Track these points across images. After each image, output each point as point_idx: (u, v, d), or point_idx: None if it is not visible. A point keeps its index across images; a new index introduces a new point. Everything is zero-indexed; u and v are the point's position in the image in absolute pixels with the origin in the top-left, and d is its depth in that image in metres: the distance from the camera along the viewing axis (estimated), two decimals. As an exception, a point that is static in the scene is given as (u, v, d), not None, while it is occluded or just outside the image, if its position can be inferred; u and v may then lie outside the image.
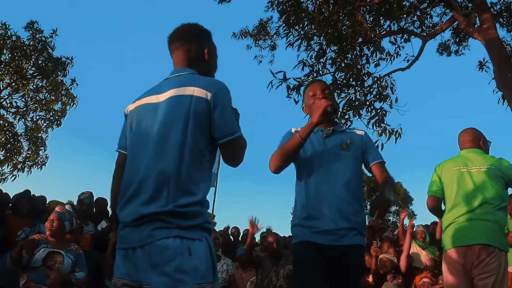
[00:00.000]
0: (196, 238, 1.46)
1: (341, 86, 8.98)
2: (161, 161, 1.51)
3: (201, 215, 1.51)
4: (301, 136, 2.18)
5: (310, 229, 2.22)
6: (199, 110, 1.54)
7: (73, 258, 3.74)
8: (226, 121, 1.56)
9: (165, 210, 1.44)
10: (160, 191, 1.47)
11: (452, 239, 2.88)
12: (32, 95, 12.40)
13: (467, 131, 3.25)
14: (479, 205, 2.85)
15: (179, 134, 1.52)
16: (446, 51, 11.00)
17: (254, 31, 10.13)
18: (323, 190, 2.24)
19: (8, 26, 11.16)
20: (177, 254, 1.41)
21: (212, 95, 1.55)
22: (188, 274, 1.39)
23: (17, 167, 12.33)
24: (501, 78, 7.43)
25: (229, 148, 1.58)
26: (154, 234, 1.43)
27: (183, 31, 1.79)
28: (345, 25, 8.59)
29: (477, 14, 7.96)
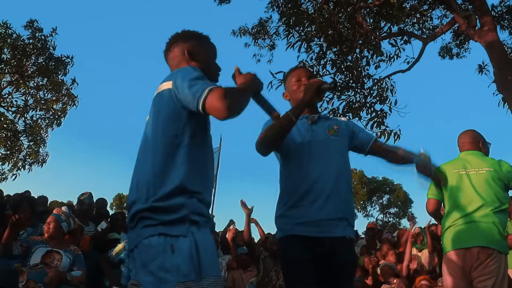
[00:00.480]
0: (180, 234, 1.45)
1: (341, 88, 8.98)
2: (142, 159, 1.59)
3: (184, 207, 1.48)
4: (294, 114, 2.00)
5: (296, 220, 2.05)
6: (164, 100, 1.57)
7: (71, 257, 3.77)
8: (190, 91, 1.47)
9: (148, 206, 1.47)
10: (143, 187, 1.52)
11: (451, 241, 2.88)
12: (32, 93, 12.40)
13: (466, 133, 3.24)
14: (478, 208, 2.85)
15: (152, 129, 1.59)
16: (448, 54, 10.99)
17: (253, 30, 10.09)
18: (314, 177, 2.08)
19: (9, 25, 11.17)
20: (159, 252, 1.42)
21: (173, 81, 1.57)
22: (170, 273, 1.39)
23: (17, 165, 12.33)
24: (501, 81, 7.43)
25: (210, 106, 1.43)
26: (142, 233, 1.47)
27: (169, 42, 1.84)
28: (346, 27, 8.59)
29: (478, 17, 7.96)
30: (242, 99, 1.54)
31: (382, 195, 37.15)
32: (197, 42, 1.81)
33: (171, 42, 1.82)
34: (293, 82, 2.33)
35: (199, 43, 1.81)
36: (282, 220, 2.14)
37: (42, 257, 3.58)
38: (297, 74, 2.34)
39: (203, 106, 1.44)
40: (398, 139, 8.63)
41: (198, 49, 1.78)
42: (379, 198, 37.19)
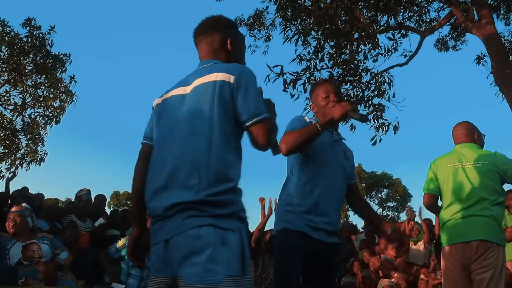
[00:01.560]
0: (230, 228, 1.42)
1: (338, 82, 8.97)
2: (190, 150, 1.48)
3: (235, 203, 1.47)
4: (321, 127, 2.16)
5: (307, 222, 2.25)
6: (224, 94, 1.52)
7: (48, 242, 3.76)
8: (250, 103, 1.50)
9: (197, 199, 1.40)
10: (191, 179, 1.43)
11: (449, 236, 2.89)
12: (30, 92, 12.37)
13: (461, 125, 3.22)
14: (476, 201, 2.85)
15: (206, 120, 1.50)
16: (444, 46, 10.98)
17: (249, 21, 10.05)
18: (328, 191, 2.31)
19: (6, 23, 11.13)
20: (209, 243, 1.36)
21: (235, 77, 1.53)
22: (220, 265, 1.35)
23: (15, 164, 12.30)
24: (499, 74, 7.44)
25: (256, 131, 1.50)
26: (186, 223, 1.39)
27: (205, 24, 1.79)
28: (343, 20, 8.57)
29: (475, 10, 7.96)
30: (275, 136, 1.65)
31: (381, 189, 37.20)
32: (236, 33, 1.81)
33: (210, 26, 1.77)
34: (321, 97, 2.46)
35: (237, 34, 1.81)
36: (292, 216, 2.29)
37: (22, 253, 3.56)
38: (325, 90, 2.47)
39: (251, 125, 1.49)
40: (396, 131, 8.64)
41: (237, 40, 1.78)
42: (378, 192, 37.23)
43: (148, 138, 1.72)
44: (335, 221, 2.35)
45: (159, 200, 1.48)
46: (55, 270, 3.60)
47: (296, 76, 8.54)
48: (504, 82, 7.34)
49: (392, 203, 37.18)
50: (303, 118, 2.42)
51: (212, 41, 1.74)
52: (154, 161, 1.60)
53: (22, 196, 5.20)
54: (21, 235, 3.71)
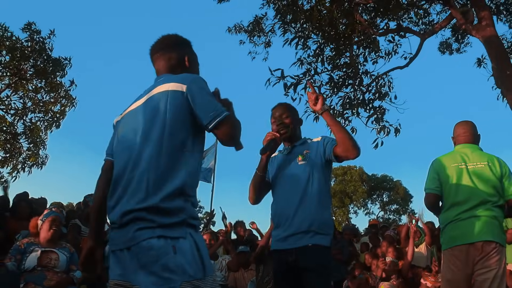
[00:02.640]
0: (180, 236, 1.46)
1: (339, 85, 8.98)
2: (140, 158, 1.55)
3: (183, 211, 1.50)
4: (259, 171, 2.59)
5: (275, 238, 2.53)
6: (176, 103, 1.58)
7: (67, 254, 3.73)
8: (207, 107, 1.57)
9: (145, 206, 1.46)
10: (140, 185, 1.50)
11: (454, 237, 2.85)
12: (31, 96, 12.38)
13: (465, 124, 3.18)
14: (479, 203, 2.84)
15: (158, 128, 1.56)
16: (448, 49, 10.98)
17: (249, 27, 10.06)
18: (281, 202, 2.53)
19: (6, 28, 11.16)
20: (162, 253, 1.42)
21: (187, 86, 1.59)
22: (175, 273, 1.40)
23: (16, 168, 12.30)
24: (499, 75, 7.44)
25: (221, 131, 1.57)
26: (137, 235, 1.45)
27: (163, 42, 1.86)
28: (342, 23, 8.59)
29: (475, 12, 7.97)
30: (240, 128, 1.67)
31: (382, 192, 37.16)
32: (192, 51, 1.89)
33: (169, 44, 1.85)
34: (272, 122, 2.66)
35: (193, 51, 1.89)
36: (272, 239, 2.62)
37: (38, 259, 3.52)
38: (272, 114, 2.67)
39: (214, 127, 1.55)
40: (398, 133, 8.64)
41: (193, 57, 1.87)
42: (379, 195, 37.19)
43: (110, 154, 1.78)
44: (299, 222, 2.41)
45: (116, 210, 1.55)
46: (67, 283, 3.57)
47: (296, 80, 8.55)
48: (505, 84, 7.34)
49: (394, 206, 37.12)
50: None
51: (170, 58, 1.82)
52: (114, 173, 1.67)
53: (25, 201, 5.19)
54: (48, 241, 3.69)
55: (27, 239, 3.72)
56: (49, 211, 3.92)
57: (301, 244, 2.38)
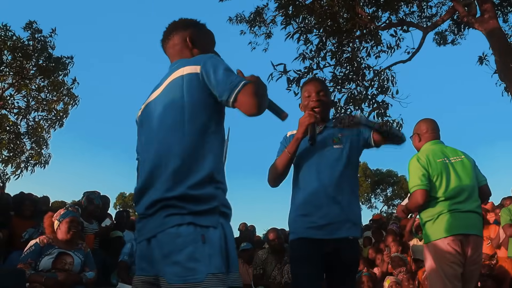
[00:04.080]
0: (210, 225, 1.39)
1: (342, 81, 8.95)
2: (164, 146, 1.49)
3: (215, 198, 1.44)
4: (290, 152, 2.31)
5: (306, 225, 2.28)
6: (192, 85, 1.51)
7: (82, 257, 3.69)
8: (223, 81, 1.47)
9: (174, 195, 1.39)
10: (166, 174, 1.43)
11: (447, 227, 2.80)
12: (34, 95, 12.42)
13: (430, 121, 3.19)
14: (467, 197, 2.87)
15: (177, 114, 1.50)
16: (442, 40, 10.91)
17: (250, 17, 10.01)
18: (315, 186, 2.30)
19: (8, 27, 11.18)
20: (189, 241, 1.34)
21: (201, 66, 1.52)
22: (201, 263, 1.32)
23: (20, 167, 12.36)
24: (503, 69, 7.40)
25: (241, 101, 1.44)
26: (166, 221, 1.38)
27: (166, 31, 1.83)
28: (344, 17, 8.55)
29: (478, 4, 7.91)
30: (266, 95, 1.55)
31: (386, 187, 37.12)
32: (197, 30, 1.80)
33: (170, 31, 1.80)
34: (305, 96, 2.46)
35: (199, 30, 1.81)
36: (294, 224, 2.37)
37: (53, 263, 3.48)
38: (308, 89, 2.46)
39: (235, 99, 1.43)
40: (401, 128, 8.62)
41: (198, 36, 1.78)
42: (383, 190, 37.15)
43: (139, 152, 1.73)
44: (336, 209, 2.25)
45: (142, 200, 1.49)
46: (73, 282, 3.53)
47: (299, 74, 8.53)
48: (508, 77, 7.30)
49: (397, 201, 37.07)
50: (285, 138, 2.51)
51: (174, 44, 1.77)
52: (140, 168, 1.62)
53: (29, 200, 5.21)
54: (66, 242, 3.65)
55: (46, 237, 3.63)
56: (66, 210, 3.82)
57: (340, 235, 2.24)
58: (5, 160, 12.25)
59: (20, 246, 3.88)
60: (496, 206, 6.57)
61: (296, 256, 2.32)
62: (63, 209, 3.89)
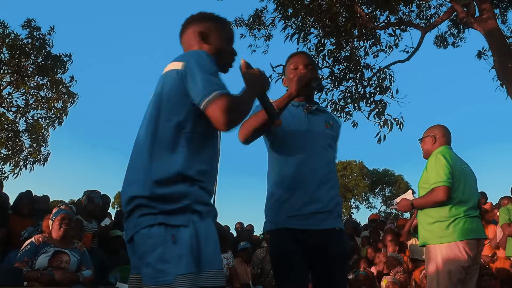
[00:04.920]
0: (181, 224, 1.36)
1: (340, 79, 8.96)
2: (140, 142, 1.49)
3: (187, 196, 1.40)
4: (278, 107, 1.92)
5: (287, 213, 1.98)
6: (171, 82, 1.47)
7: (78, 256, 3.70)
8: (199, 85, 1.40)
9: (147, 194, 1.37)
10: (138, 171, 1.43)
11: (471, 229, 2.83)
12: (32, 93, 12.40)
13: (444, 126, 3.24)
14: (476, 203, 2.98)
15: (154, 110, 1.49)
16: (443, 43, 10.94)
17: (249, 20, 10.02)
18: (305, 169, 2.02)
19: (6, 25, 11.15)
20: (159, 242, 1.33)
21: (183, 64, 1.47)
22: (170, 264, 1.31)
23: (18, 165, 12.34)
24: (501, 69, 7.41)
25: (210, 112, 1.37)
26: (139, 222, 1.37)
27: (182, 26, 1.77)
28: (343, 17, 8.55)
29: (476, 4, 7.92)
30: (245, 111, 1.48)
31: (384, 186, 37.18)
32: (212, 24, 1.71)
33: (186, 24, 1.74)
34: (290, 69, 2.21)
35: (214, 25, 1.72)
36: (271, 212, 2.06)
37: (49, 261, 3.49)
38: (295, 61, 2.21)
39: (204, 108, 1.38)
40: (402, 127, 8.60)
41: (212, 31, 1.69)
42: (381, 190, 37.21)
43: None
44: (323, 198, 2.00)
45: (122, 198, 1.48)
46: (70, 280, 3.53)
47: (298, 75, 8.51)
48: (506, 77, 7.31)
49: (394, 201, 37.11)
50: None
51: (187, 38, 1.72)
52: None
53: (28, 198, 5.20)
54: (61, 240, 3.65)
55: (41, 236, 3.65)
56: (58, 209, 3.85)
57: (327, 226, 1.98)
58: (4, 158, 12.23)
59: (19, 245, 3.87)
60: (494, 206, 6.59)
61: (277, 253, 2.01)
62: (56, 208, 3.93)
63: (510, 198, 5.93)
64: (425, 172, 3.06)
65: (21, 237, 4.30)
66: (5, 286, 3.13)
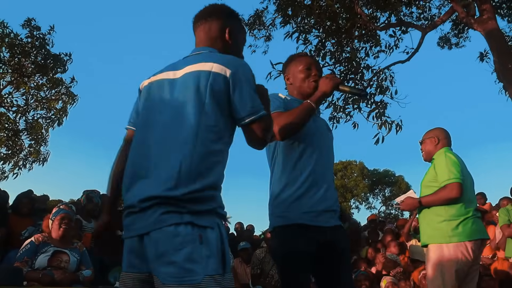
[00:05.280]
0: (208, 225, 1.35)
1: (341, 80, 8.96)
2: (173, 140, 1.40)
3: (214, 199, 1.40)
4: (315, 104, 2.03)
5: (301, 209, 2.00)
6: (218, 88, 1.44)
7: (78, 256, 3.70)
8: (246, 100, 1.44)
9: (175, 195, 1.32)
10: (171, 172, 1.35)
11: (478, 230, 2.86)
12: (32, 93, 12.39)
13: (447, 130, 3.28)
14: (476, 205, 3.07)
15: (194, 112, 1.41)
16: (447, 44, 10.95)
17: (249, 21, 10.01)
18: (319, 167, 2.08)
19: (6, 24, 11.15)
20: (188, 241, 1.29)
21: (231, 72, 1.45)
22: (199, 264, 1.28)
23: (18, 164, 12.33)
24: (501, 69, 7.41)
25: (252, 129, 1.45)
26: (163, 219, 1.31)
27: (205, 11, 1.72)
28: (343, 17, 8.56)
29: (477, 5, 7.93)
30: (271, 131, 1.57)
31: (384, 187, 37.15)
32: (238, 24, 1.74)
33: (210, 13, 1.71)
34: (301, 68, 2.22)
35: (239, 26, 1.75)
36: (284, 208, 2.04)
37: (48, 260, 3.49)
38: (307, 62, 2.24)
39: (247, 124, 1.45)
40: (400, 130, 8.61)
41: (237, 32, 1.72)
42: (381, 190, 37.18)
43: (133, 123, 1.64)
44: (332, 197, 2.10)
45: (135, 190, 1.40)
46: (70, 280, 3.53)
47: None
48: (507, 78, 7.31)
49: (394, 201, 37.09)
50: (278, 95, 2.18)
51: (210, 29, 1.67)
52: (134, 147, 1.51)
53: (27, 198, 5.19)
54: (61, 240, 3.65)
55: (41, 235, 3.65)
56: (58, 209, 3.86)
57: (334, 223, 2.06)
58: (3, 158, 12.22)
59: (19, 244, 3.88)
60: (493, 207, 6.60)
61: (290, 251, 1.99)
62: (55, 208, 3.94)
63: (510, 199, 5.94)
64: (431, 171, 3.03)
65: (22, 237, 4.30)
66: (5, 285, 3.13)
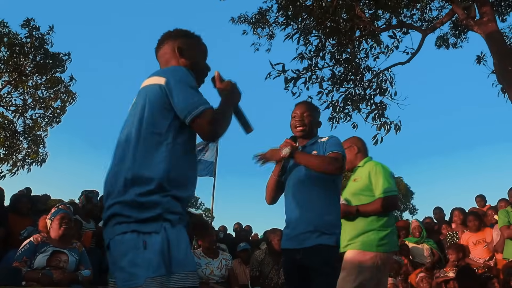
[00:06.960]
0: (153, 231, 1.45)
1: (340, 80, 8.96)
2: (121, 150, 1.57)
3: (159, 205, 1.48)
4: (275, 175, 2.64)
5: (284, 237, 2.58)
6: (154, 96, 1.57)
7: (76, 256, 3.71)
8: (183, 100, 1.54)
9: (122, 200, 1.46)
10: (119, 181, 1.50)
11: (394, 242, 3.02)
12: (31, 93, 12.36)
13: (363, 139, 3.35)
14: None
15: (136, 122, 1.57)
16: (445, 44, 10.95)
17: (253, 19, 10.02)
18: (290, 203, 2.56)
19: (5, 24, 11.13)
20: (131, 247, 1.42)
21: (166, 79, 1.58)
22: (141, 268, 1.39)
23: (16, 165, 12.29)
24: (501, 71, 7.41)
25: (196, 126, 1.54)
26: (115, 229, 1.46)
27: (159, 40, 1.87)
28: (344, 18, 8.56)
29: (477, 7, 7.93)
30: (227, 122, 1.63)
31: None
32: (188, 40, 1.84)
33: (162, 39, 1.85)
34: (292, 117, 2.69)
35: (190, 41, 1.84)
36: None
37: (47, 260, 3.50)
38: (294, 111, 2.69)
39: (190, 121, 1.52)
40: (399, 131, 8.62)
41: (188, 46, 1.81)
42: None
43: None
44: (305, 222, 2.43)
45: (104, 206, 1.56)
46: (69, 280, 3.54)
47: (297, 74, 8.53)
48: (506, 80, 7.31)
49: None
50: None
51: (164, 52, 1.82)
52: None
53: (26, 197, 5.18)
54: (60, 240, 3.66)
55: (40, 235, 3.66)
56: (57, 209, 3.88)
57: (307, 244, 2.40)
58: (1, 158, 12.18)
59: (18, 244, 3.87)
60: (490, 208, 6.60)
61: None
62: (54, 208, 3.95)
63: (507, 201, 5.94)
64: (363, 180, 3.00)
65: (21, 236, 4.29)
66: (4, 285, 3.12)
